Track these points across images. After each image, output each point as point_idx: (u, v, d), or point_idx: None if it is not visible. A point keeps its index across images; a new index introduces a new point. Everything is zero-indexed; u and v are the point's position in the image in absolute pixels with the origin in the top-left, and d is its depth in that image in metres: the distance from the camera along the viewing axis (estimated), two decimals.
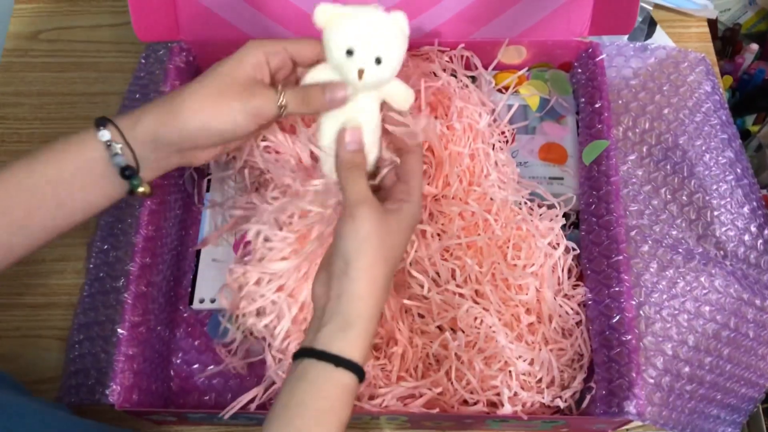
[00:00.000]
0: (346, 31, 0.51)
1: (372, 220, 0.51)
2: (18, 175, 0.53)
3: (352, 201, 0.52)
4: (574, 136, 0.75)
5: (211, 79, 0.55)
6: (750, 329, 0.68)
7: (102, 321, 0.70)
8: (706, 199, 0.73)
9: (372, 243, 0.50)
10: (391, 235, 0.52)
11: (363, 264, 0.50)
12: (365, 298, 0.50)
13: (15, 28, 0.94)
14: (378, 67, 0.51)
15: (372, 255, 0.50)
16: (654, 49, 0.82)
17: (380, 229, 0.51)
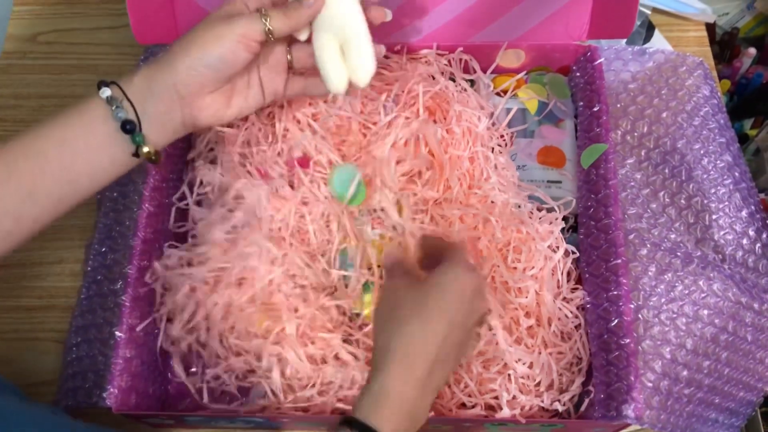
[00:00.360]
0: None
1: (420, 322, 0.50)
2: (24, 140, 0.53)
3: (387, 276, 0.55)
4: (573, 140, 0.75)
5: (199, 24, 0.57)
6: (748, 333, 0.68)
7: (99, 324, 0.70)
8: (705, 202, 0.73)
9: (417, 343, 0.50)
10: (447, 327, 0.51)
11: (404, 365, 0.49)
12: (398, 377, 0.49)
13: (14, 30, 0.94)
14: None
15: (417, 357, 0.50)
16: (652, 53, 0.82)
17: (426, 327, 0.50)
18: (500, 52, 0.77)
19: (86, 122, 0.54)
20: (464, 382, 0.63)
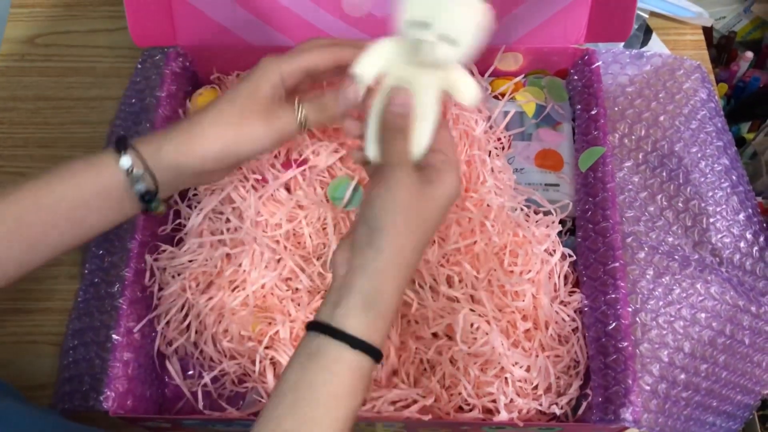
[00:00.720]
0: (421, 1, 0.46)
1: (407, 185, 0.47)
2: (36, 193, 0.52)
3: (390, 162, 0.48)
4: (570, 143, 0.75)
5: (231, 103, 0.54)
6: (746, 336, 0.68)
7: (96, 326, 0.70)
8: (702, 206, 0.73)
9: (404, 211, 0.46)
10: (427, 206, 0.48)
11: (391, 233, 0.45)
12: (390, 272, 0.46)
13: (11, 33, 0.94)
14: (451, 47, 0.46)
15: (402, 224, 0.46)
16: (650, 56, 0.83)
17: (415, 196, 0.47)
18: (498, 56, 0.77)
19: (102, 188, 0.53)
20: (461, 385, 0.63)
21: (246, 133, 0.54)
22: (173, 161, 0.53)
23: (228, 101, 0.54)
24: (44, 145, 0.86)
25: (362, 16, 0.74)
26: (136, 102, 0.82)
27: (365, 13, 0.73)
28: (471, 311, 0.64)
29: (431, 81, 0.50)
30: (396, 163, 0.48)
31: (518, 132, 0.76)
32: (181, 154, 0.53)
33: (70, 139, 0.86)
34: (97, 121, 0.86)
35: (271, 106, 0.55)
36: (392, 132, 0.49)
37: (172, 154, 0.53)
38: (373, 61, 0.50)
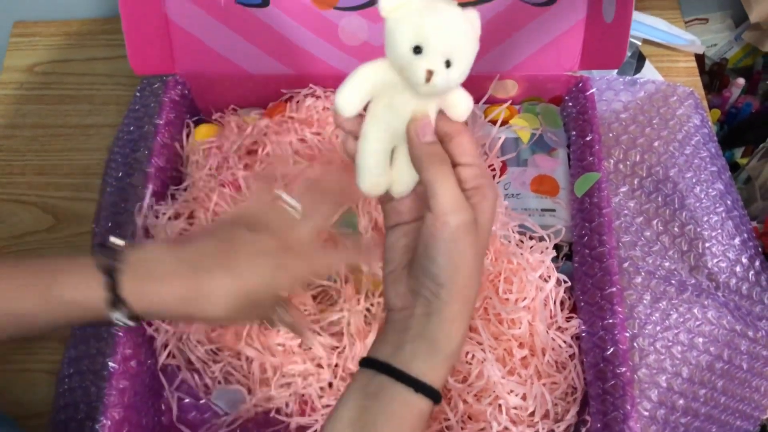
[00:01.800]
0: (416, 24, 0.42)
1: (469, 231, 0.43)
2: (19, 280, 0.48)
3: (446, 208, 0.43)
4: (566, 169, 0.76)
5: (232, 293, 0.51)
6: (743, 361, 0.68)
7: (93, 354, 0.70)
8: (698, 230, 0.74)
9: (468, 259, 0.43)
10: (483, 238, 0.45)
11: (458, 285, 0.43)
12: (457, 320, 0.44)
13: (10, 61, 0.95)
14: (448, 70, 0.42)
15: (467, 273, 0.44)
16: (643, 83, 0.84)
17: (473, 238, 0.44)
18: (493, 83, 0.78)
19: (83, 309, 0.49)
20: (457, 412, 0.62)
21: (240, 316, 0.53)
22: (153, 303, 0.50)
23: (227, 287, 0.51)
24: (42, 173, 0.86)
25: (358, 44, 0.75)
26: (134, 129, 0.83)
27: (361, 42, 0.74)
28: (468, 339, 0.64)
29: (430, 104, 0.45)
30: (451, 208, 0.43)
31: (513, 157, 0.77)
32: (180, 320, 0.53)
33: (67, 166, 0.86)
34: (94, 148, 0.87)
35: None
36: (439, 165, 0.44)
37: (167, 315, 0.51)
38: (357, 88, 0.45)
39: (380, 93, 0.45)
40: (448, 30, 0.42)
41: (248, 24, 0.73)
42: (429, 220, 0.43)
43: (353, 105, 0.45)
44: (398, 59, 0.43)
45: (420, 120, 0.44)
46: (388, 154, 0.47)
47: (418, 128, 0.44)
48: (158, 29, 0.73)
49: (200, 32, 0.74)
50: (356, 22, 0.73)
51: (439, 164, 0.44)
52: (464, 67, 0.43)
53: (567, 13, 0.73)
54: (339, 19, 0.73)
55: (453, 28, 0.42)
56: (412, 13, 0.42)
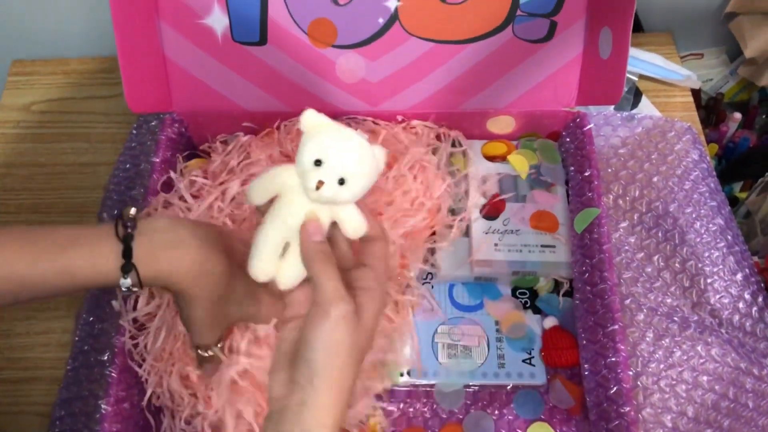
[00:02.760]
0: (322, 142, 0.50)
1: (347, 322, 0.47)
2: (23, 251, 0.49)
3: (327, 298, 0.47)
4: (565, 205, 0.76)
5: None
6: (749, 399, 0.67)
7: (85, 396, 0.68)
8: (699, 266, 0.73)
9: (345, 349, 0.47)
10: (362, 337, 0.48)
11: (333, 375, 0.46)
12: (331, 410, 0.46)
13: (7, 100, 0.95)
14: (339, 187, 0.49)
15: (342, 362, 0.47)
16: (641, 118, 0.84)
17: (353, 330, 0.47)
18: (490, 119, 0.78)
19: (95, 274, 0.50)
20: None
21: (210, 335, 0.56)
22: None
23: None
24: (37, 211, 0.86)
25: (356, 81, 0.75)
26: (130, 167, 0.82)
27: (359, 79, 0.75)
28: None
29: (321, 212, 0.51)
30: (332, 299, 0.47)
31: (512, 193, 0.76)
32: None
33: (63, 204, 0.86)
34: (90, 187, 0.86)
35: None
36: (323, 262, 0.49)
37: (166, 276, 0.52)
38: (265, 185, 0.52)
39: (284, 192, 0.52)
40: (348, 156, 0.50)
41: (245, 62, 0.73)
42: (312, 309, 0.48)
43: (259, 196, 0.53)
44: (301, 166, 0.50)
45: (312, 222, 0.51)
46: (280, 246, 0.52)
47: (310, 229, 0.50)
48: (155, 67, 0.73)
49: (197, 70, 0.74)
50: (353, 60, 0.74)
51: (325, 261, 0.49)
52: (356, 189, 0.50)
53: (563, 49, 0.73)
54: (336, 57, 0.73)
55: (354, 156, 0.50)
56: (325, 134, 0.50)
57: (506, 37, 0.73)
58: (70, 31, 0.98)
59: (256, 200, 0.53)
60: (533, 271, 0.72)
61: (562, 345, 0.70)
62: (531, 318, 0.72)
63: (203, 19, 0.72)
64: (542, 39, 0.73)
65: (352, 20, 0.71)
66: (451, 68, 0.74)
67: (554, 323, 0.72)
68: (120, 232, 0.50)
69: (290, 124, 0.76)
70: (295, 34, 0.72)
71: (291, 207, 0.51)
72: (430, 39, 0.73)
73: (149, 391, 0.63)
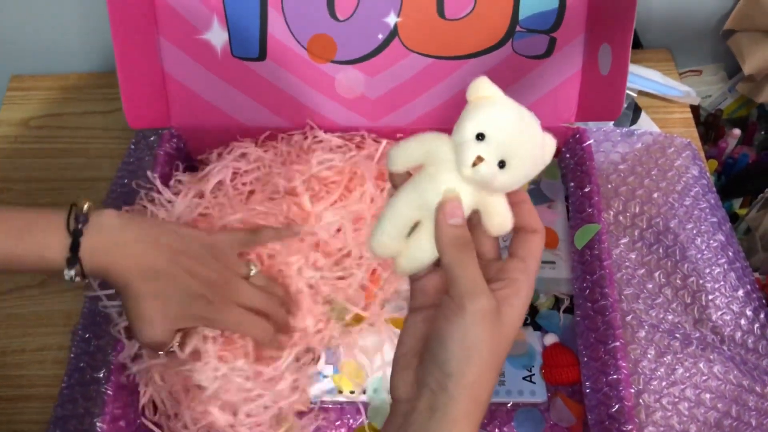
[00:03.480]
0: (491, 114, 0.42)
1: (486, 320, 0.40)
2: None
3: (463, 291, 0.40)
4: (565, 221, 0.75)
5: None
6: (752, 417, 0.66)
7: (80, 414, 0.67)
8: (701, 282, 0.72)
9: (483, 351, 0.40)
10: (503, 339, 0.41)
11: (467, 380, 0.40)
12: (462, 422, 0.40)
13: (6, 115, 0.95)
14: (499, 170, 0.41)
15: (480, 367, 0.40)
16: (640, 134, 0.84)
17: (493, 329, 0.40)
18: None
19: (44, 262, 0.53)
20: None
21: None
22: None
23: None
24: None
25: (355, 97, 0.75)
26: (127, 182, 0.82)
27: (358, 95, 0.74)
28: None
29: (466, 194, 0.43)
30: (469, 292, 0.40)
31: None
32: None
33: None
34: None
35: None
36: (461, 249, 0.42)
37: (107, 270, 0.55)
38: (411, 150, 0.44)
39: (431, 163, 0.43)
40: (518, 136, 0.41)
41: (245, 77, 0.73)
42: (445, 302, 0.41)
43: (401, 161, 0.44)
44: (460, 137, 0.42)
45: (451, 200, 0.42)
46: (410, 222, 0.44)
47: (447, 208, 0.42)
48: (154, 82, 0.72)
49: (196, 85, 0.74)
50: (353, 75, 0.73)
51: (463, 248, 0.42)
52: (517, 175, 0.42)
53: (563, 65, 0.73)
54: (336, 73, 0.73)
55: (524, 138, 0.42)
56: (496, 106, 0.42)
57: (506, 53, 0.73)
58: (69, 46, 0.98)
59: (397, 165, 0.44)
60: None
61: (562, 362, 0.69)
62: (531, 335, 0.71)
63: (203, 35, 0.72)
64: (542, 55, 0.73)
65: (352, 36, 0.71)
66: (451, 84, 0.74)
67: (554, 340, 0.71)
68: (71, 224, 0.53)
69: (288, 137, 0.76)
70: (295, 49, 0.72)
71: (434, 181, 0.43)
72: (429, 55, 0.73)
73: (142, 400, 0.62)
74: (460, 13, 0.71)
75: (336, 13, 0.70)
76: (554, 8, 0.70)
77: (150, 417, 0.63)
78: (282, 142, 0.76)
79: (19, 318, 0.79)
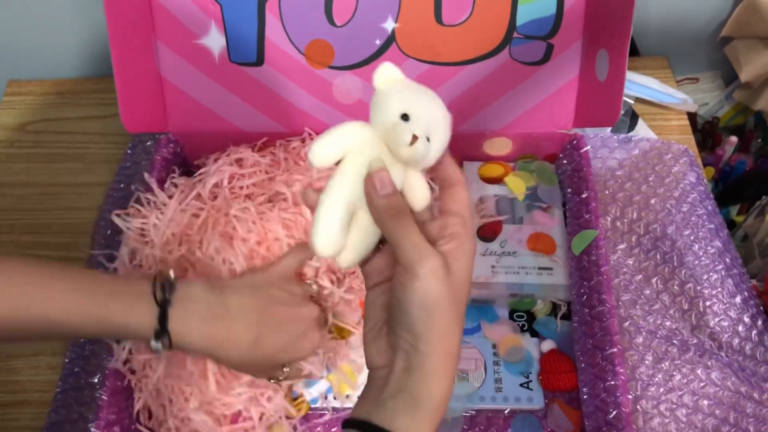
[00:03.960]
0: (409, 95, 0.43)
1: (439, 277, 0.42)
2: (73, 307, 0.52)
3: (411, 257, 0.41)
4: (562, 227, 0.75)
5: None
6: (750, 424, 0.66)
7: (74, 419, 0.67)
8: (698, 288, 0.72)
9: (443, 306, 0.42)
10: (459, 285, 0.43)
11: (435, 336, 0.42)
12: (439, 373, 0.42)
13: (2, 120, 0.95)
14: (427, 143, 0.42)
15: (445, 321, 0.42)
16: (638, 140, 0.84)
17: (448, 284, 0.42)
18: (487, 141, 0.78)
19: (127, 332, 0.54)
20: None
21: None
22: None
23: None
24: (31, 232, 0.85)
25: (352, 102, 0.75)
26: (124, 187, 0.82)
27: (355, 100, 0.74)
28: None
29: (397, 174, 0.44)
30: (416, 257, 0.42)
31: (509, 216, 0.76)
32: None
33: (57, 225, 0.85)
34: (85, 207, 0.86)
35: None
36: (397, 218, 0.43)
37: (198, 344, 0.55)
38: (334, 140, 0.44)
39: (355, 152, 0.44)
40: (433, 110, 0.43)
41: (242, 82, 0.73)
42: (398, 271, 0.42)
43: (326, 155, 0.44)
44: (386, 122, 0.42)
45: (377, 172, 0.43)
46: (348, 215, 0.44)
47: (376, 180, 0.42)
48: (151, 87, 0.72)
49: (193, 90, 0.74)
50: (350, 81, 0.73)
51: (399, 216, 0.43)
52: (439, 149, 0.44)
53: (560, 71, 0.73)
54: (333, 78, 0.73)
55: (437, 111, 0.43)
56: (405, 88, 0.44)
57: (503, 59, 0.73)
58: (66, 51, 0.98)
59: (320, 160, 0.44)
60: (530, 294, 0.71)
61: (560, 369, 0.69)
62: (528, 341, 0.71)
63: (200, 40, 0.72)
64: (539, 61, 0.73)
65: (350, 41, 0.71)
66: (448, 90, 0.74)
67: (552, 347, 0.71)
68: (158, 295, 0.53)
69: (286, 143, 0.76)
70: (292, 55, 0.72)
71: (360, 164, 0.44)
72: (426, 60, 0.73)
73: (137, 406, 0.62)
74: (457, 19, 0.71)
75: (334, 19, 0.70)
76: (551, 15, 0.71)
77: (144, 423, 0.63)
78: (280, 149, 0.76)
79: None
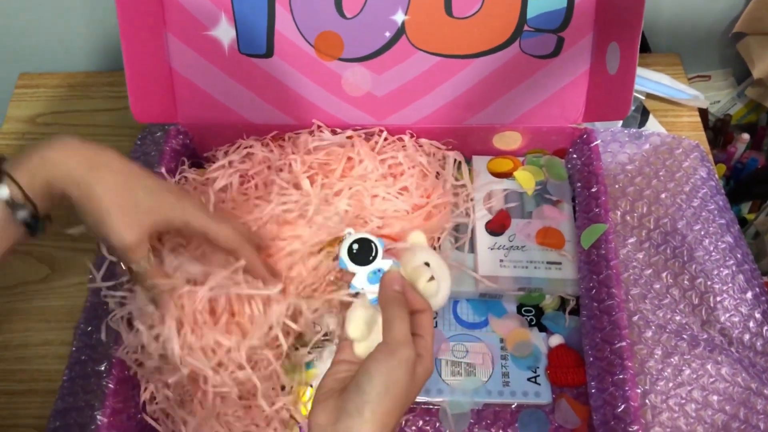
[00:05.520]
0: (430, 253, 0.58)
1: (409, 367, 0.49)
2: None
3: (395, 339, 0.50)
4: (571, 221, 0.75)
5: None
6: (760, 421, 0.65)
7: (81, 407, 0.67)
8: (708, 284, 0.72)
9: (399, 389, 0.48)
10: (416, 383, 0.50)
11: (382, 409, 0.47)
12: None
13: (14, 112, 0.95)
14: (437, 284, 0.56)
15: (393, 402, 0.48)
16: (648, 135, 0.83)
17: (410, 376, 0.49)
18: (497, 135, 0.77)
19: None
20: None
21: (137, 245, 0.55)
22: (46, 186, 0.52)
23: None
24: None
25: (361, 95, 0.74)
26: None
27: (364, 92, 0.74)
28: None
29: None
30: (402, 342, 0.50)
31: (518, 210, 0.75)
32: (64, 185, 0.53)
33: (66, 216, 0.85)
34: None
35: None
36: (398, 306, 0.52)
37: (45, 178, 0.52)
38: (360, 317, 0.56)
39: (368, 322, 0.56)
40: (443, 266, 0.58)
41: (251, 74, 0.73)
42: (380, 347, 0.50)
43: (359, 329, 0.55)
44: (414, 265, 0.57)
45: (393, 273, 0.55)
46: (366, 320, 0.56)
47: (392, 278, 0.55)
48: (161, 78, 0.73)
49: (203, 81, 0.74)
50: (360, 73, 0.73)
51: (401, 306, 0.53)
52: (446, 291, 0.58)
53: (570, 65, 0.73)
54: (342, 70, 0.73)
55: (445, 268, 0.58)
56: (428, 249, 0.59)
57: (513, 52, 0.72)
58: (77, 44, 0.99)
59: (355, 332, 0.55)
60: (539, 288, 0.71)
61: (568, 364, 0.68)
62: (536, 336, 0.71)
63: (210, 31, 0.72)
64: (549, 54, 0.72)
65: (359, 33, 0.71)
66: (458, 83, 0.74)
67: (560, 341, 0.70)
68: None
69: (294, 137, 0.76)
70: (302, 46, 0.72)
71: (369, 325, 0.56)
72: (436, 53, 0.72)
73: (144, 396, 0.62)
74: (467, 12, 0.70)
75: (343, 11, 0.70)
76: (562, 7, 0.70)
77: (151, 413, 0.63)
78: (289, 142, 0.76)
79: (22, 313, 0.78)
